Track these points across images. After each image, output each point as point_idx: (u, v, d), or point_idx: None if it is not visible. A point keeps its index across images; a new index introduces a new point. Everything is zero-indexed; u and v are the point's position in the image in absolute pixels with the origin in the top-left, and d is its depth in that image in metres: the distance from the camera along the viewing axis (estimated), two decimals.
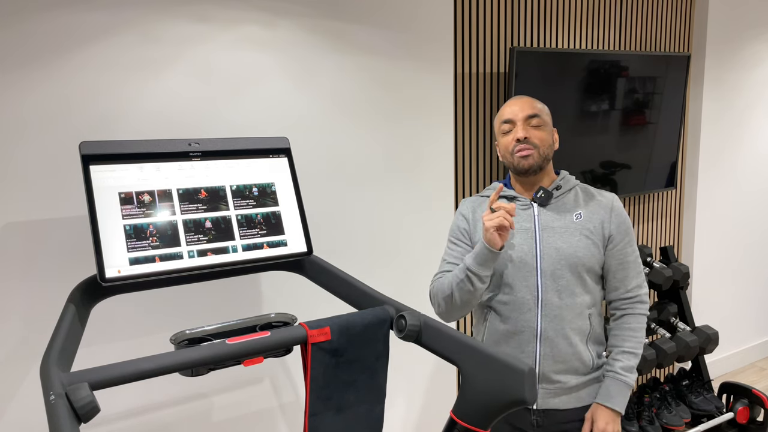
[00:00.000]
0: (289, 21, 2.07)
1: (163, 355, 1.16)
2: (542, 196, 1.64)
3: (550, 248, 1.61)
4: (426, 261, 2.52)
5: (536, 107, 1.63)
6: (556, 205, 1.65)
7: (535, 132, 1.61)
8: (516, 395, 1.21)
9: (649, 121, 3.08)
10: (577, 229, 1.62)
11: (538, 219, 1.64)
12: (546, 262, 1.60)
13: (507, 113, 1.64)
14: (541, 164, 1.62)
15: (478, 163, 2.67)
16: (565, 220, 1.63)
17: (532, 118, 1.61)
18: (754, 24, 3.61)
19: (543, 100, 1.63)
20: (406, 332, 1.39)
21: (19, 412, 1.76)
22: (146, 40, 1.84)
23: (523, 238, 1.63)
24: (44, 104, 1.72)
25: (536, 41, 2.79)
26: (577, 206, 1.65)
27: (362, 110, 2.27)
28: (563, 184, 1.68)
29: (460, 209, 1.75)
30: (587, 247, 1.61)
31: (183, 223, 1.49)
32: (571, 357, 1.62)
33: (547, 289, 1.60)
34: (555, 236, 1.61)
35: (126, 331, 1.90)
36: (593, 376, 1.67)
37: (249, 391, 2.15)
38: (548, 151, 1.63)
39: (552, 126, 1.66)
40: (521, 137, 1.60)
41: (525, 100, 1.65)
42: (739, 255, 3.84)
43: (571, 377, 1.63)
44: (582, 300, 1.62)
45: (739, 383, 2.99)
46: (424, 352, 2.54)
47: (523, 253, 1.62)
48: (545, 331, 1.61)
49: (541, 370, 1.62)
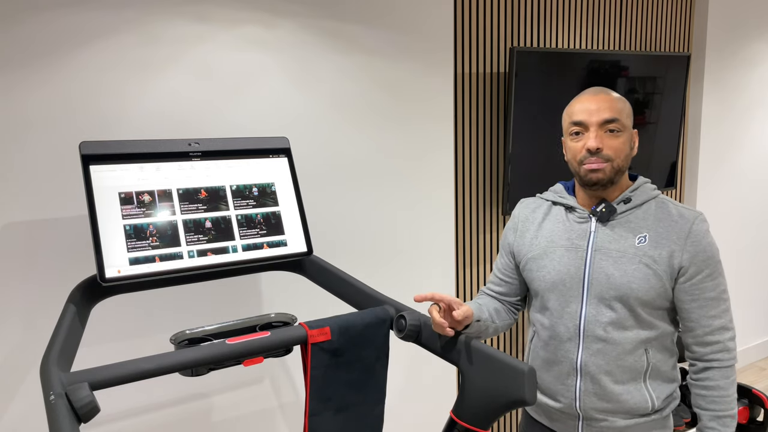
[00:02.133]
0: (289, 21, 2.07)
1: (163, 355, 1.16)
2: (603, 212, 1.39)
3: (600, 273, 1.37)
4: (426, 261, 2.52)
5: (616, 107, 1.34)
6: (619, 222, 1.39)
7: (612, 141, 1.34)
8: (516, 395, 1.21)
9: (649, 121, 3.08)
10: (637, 256, 1.35)
11: (593, 237, 1.40)
12: (594, 289, 1.38)
13: (579, 112, 1.36)
14: (614, 178, 1.37)
15: (478, 163, 2.67)
16: (625, 242, 1.37)
17: (610, 123, 1.34)
18: (754, 24, 3.61)
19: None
20: (406, 332, 1.38)
21: (19, 412, 1.76)
22: (146, 40, 1.84)
23: (571, 258, 1.41)
24: (44, 104, 1.72)
25: (536, 41, 2.79)
26: (644, 226, 1.37)
27: (362, 110, 2.27)
28: (635, 196, 1.40)
29: (513, 213, 1.58)
30: (645, 279, 1.34)
31: (183, 223, 1.49)
32: (621, 396, 1.39)
33: (591, 319, 1.39)
34: (608, 261, 1.37)
35: (126, 331, 1.90)
36: (654, 419, 1.42)
37: (249, 391, 2.15)
38: (624, 163, 1.37)
39: (632, 128, 1.39)
40: (593, 148, 1.33)
41: (603, 97, 1.35)
42: (739, 255, 3.84)
43: (619, 419, 1.41)
44: (635, 335, 1.37)
45: (739, 383, 2.99)
46: (424, 352, 2.54)
47: (568, 276, 1.40)
48: (585, 365, 1.40)
49: (582, 407, 1.43)
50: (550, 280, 1.43)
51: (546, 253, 1.45)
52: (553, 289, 1.43)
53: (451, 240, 2.57)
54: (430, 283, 2.53)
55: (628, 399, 1.39)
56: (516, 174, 2.65)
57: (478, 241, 2.72)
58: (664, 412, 1.44)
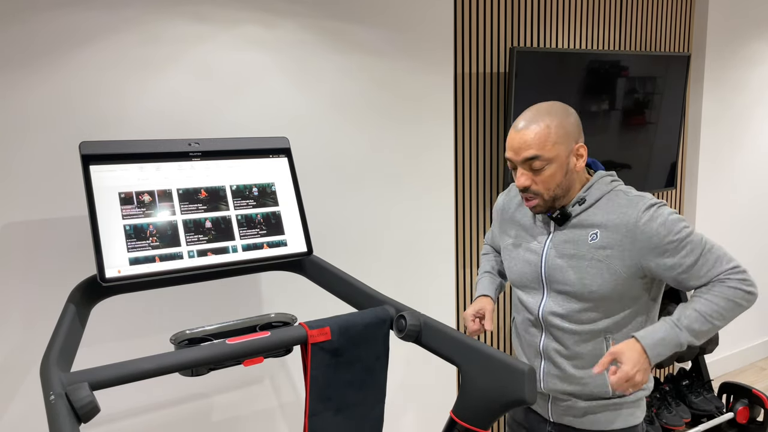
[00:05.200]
0: (289, 21, 2.07)
1: (163, 355, 1.16)
2: (558, 218, 1.43)
3: (555, 272, 1.44)
4: (426, 261, 2.52)
5: (538, 142, 1.35)
6: (574, 222, 1.43)
7: (538, 177, 1.37)
8: (516, 395, 1.21)
9: (649, 121, 3.08)
10: (590, 253, 1.39)
11: (552, 237, 1.46)
12: (553, 285, 1.45)
13: (508, 148, 1.41)
14: (552, 204, 1.42)
15: (478, 163, 2.67)
16: (578, 241, 1.41)
17: (533, 160, 1.36)
18: (754, 24, 3.61)
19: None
20: (406, 332, 1.39)
21: (19, 412, 1.76)
22: (146, 40, 1.84)
23: (532, 257, 1.49)
24: (44, 104, 1.72)
25: (536, 41, 2.79)
26: (596, 223, 1.40)
27: (362, 110, 2.27)
28: (588, 195, 1.42)
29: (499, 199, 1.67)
30: (599, 274, 1.38)
31: (183, 223, 1.49)
32: (582, 380, 1.45)
33: (549, 310, 1.46)
34: (563, 260, 1.42)
35: (126, 331, 1.90)
36: (616, 402, 1.46)
37: (249, 391, 2.15)
38: (558, 191, 1.39)
39: (569, 147, 1.38)
40: (521, 187, 1.39)
41: (525, 133, 1.36)
42: (739, 255, 3.84)
43: (581, 401, 1.48)
44: (593, 326, 1.42)
45: (739, 383, 2.99)
46: (424, 352, 2.54)
47: (529, 272, 1.49)
48: (546, 349, 1.49)
49: (546, 388, 1.51)
50: (516, 272, 1.54)
51: (514, 247, 1.56)
52: (518, 282, 1.54)
53: (451, 240, 2.57)
54: (430, 283, 2.53)
55: (589, 382, 1.46)
56: None
57: (478, 241, 2.72)
58: (630, 397, 1.47)
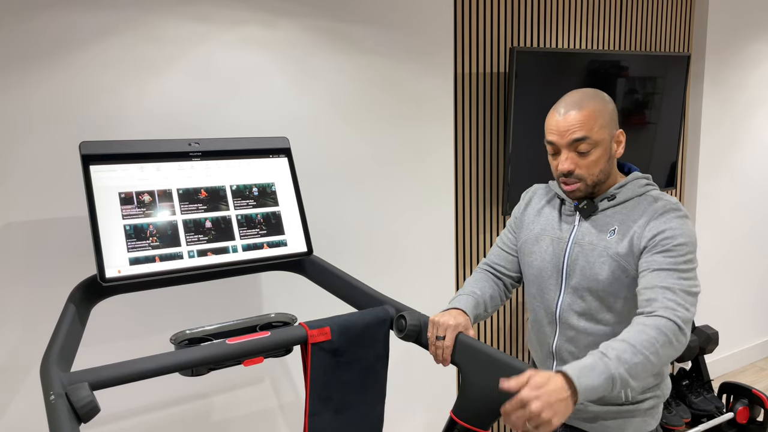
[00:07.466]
0: (289, 21, 2.07)
1: (163, 355, 1.16)
2: (584, 208, 1.42)
3: (575, 265, 1.42)
4: (426, 261, 2.52)
5: (586, 124, 1.34)
6: (599, 217, 1.42)
7: (583, 160, 1.36)
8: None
9: (649, 121, 3.08)
10: (606, 249, 1.38)
11: (575, 230, 1.45)
12: (571, 279, 1.43)
13: (550, 132, 1.38)
14: (593, 191, 1.41)
15: (478, 163, 2.67)
16: (598, 236, 1.40)
17: (580, 142, 1.34)
18: (754, 24, 3.61)
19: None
20: (406, 332, 1.39)
21: (19, 412, 1.76)
22: (147, 40, 1.84)
23: (555, 249, 1.46)
24: (44, 104, 1.72)
25: (536, 41, 2.79)
26: (617, 220, 1.39)
27: (362, 110, 2.27)
28: (620, 193, 1.41)
29: (526, 194, 1.62)
30: (611, 271, 1.37)
31: (183, 223, 1.49)
32: None
33: (566, 308, 1.45)
34: (583, 253, 1.41)
35: (126, 331, 1.90)
36: (629, 409, 1.43)
37: (249, 391, 2.15)
38: (601, 174, 1.38)
39: (612, 132, 1.38)
40: (564, 171, 1.37)
41: (572, 115, 1.35)
42: (739, 255, 3.84)
43: (592, 405, 1.45)
44: (608, 328, 1.41)
45: (739, 383, 2.99)
46: (424, 352, 2.54)
47: (551, 265, 1.47)
48: (559, 350, 1.48)
49: None
50: (536, 267, 1.50)
51: (536, 240, 1.52)
52: (538, 276, 1.50)
53: (451, 240, 2.57)
54: (430, 283, 2.53)
55: None
56: (516, 174, 2.65)
57: (478, 241, 2.72)
58: (644, 405, 1.44)
